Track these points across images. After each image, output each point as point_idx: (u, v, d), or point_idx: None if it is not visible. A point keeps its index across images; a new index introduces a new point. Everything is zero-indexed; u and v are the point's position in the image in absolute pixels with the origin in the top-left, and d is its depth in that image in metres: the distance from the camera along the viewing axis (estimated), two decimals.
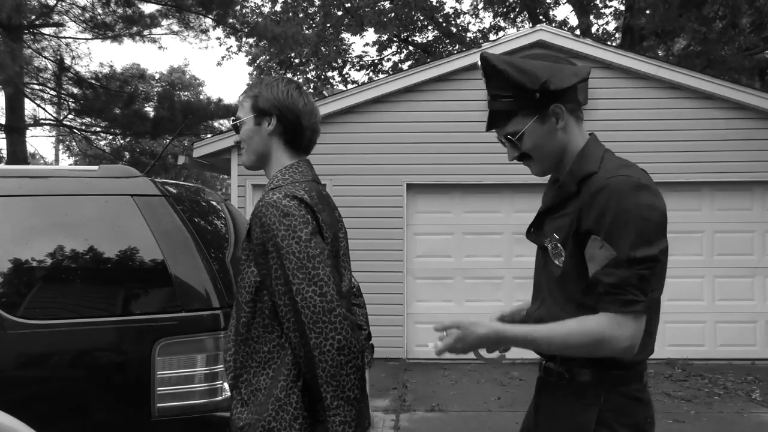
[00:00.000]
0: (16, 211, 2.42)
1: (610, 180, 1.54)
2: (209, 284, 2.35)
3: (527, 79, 1.60)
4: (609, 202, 1.50)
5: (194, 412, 2.28)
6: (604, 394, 1.58)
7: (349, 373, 1.56)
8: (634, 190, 1.52)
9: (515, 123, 1.63)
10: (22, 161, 13.47)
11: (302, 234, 1.60)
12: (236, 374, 1.69)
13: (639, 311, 1.48)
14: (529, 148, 1.65)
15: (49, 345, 2.30)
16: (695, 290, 7.56)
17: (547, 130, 1.63)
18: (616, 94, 7.54)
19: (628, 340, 1.49)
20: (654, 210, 1.52)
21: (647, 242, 1.48)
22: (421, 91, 7.59)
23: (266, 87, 1.81)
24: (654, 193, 1.55)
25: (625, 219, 1.49)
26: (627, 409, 1.59)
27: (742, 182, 7.49)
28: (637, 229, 1.48)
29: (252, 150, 1.82)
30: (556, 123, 1.62)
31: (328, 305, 1.56)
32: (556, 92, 1.59)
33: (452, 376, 6.77)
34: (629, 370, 1.60)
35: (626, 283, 1.47)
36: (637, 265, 1.47)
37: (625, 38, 14.73)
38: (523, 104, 1.61)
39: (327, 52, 17.58)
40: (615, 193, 1.51)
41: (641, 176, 1.58)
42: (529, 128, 1.62)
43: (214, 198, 3.16)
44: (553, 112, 1.61)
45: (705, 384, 6.44)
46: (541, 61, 1.67)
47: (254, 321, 1.66)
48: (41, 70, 15.02)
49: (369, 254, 7.35)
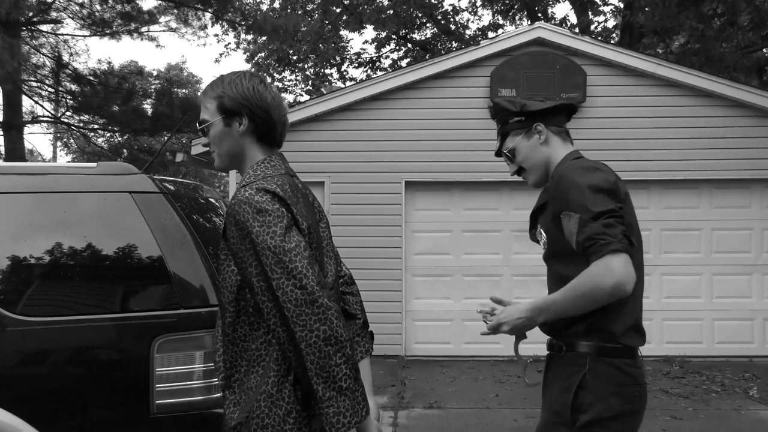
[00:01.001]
0: (15, 208, 2.42)
1: (564, 168, 1.95)
2: (207, 281, 2.35)
3: (512, 105, 2.08)
4: (566, 183, 1.87)
5: (193, 409, 2.29)
6: (590, 362, 1.82)
7: (338, 363, 1.53)
8: (583, 170, 1.89)
9: (509, 141, 2.10)
10: (20, 158, 13.45)
11: (277, 228, 1.57)
12: (227, 374, 1.67)
13: (615, 249, 1.70)
14: (521, 161, 2.09)
15: (48, 342, 2.30)
16: (693, 287, 7.57)
17: (533, 145, 2.07)
18: (615, 91, 7.54)
19: (614, 276, 1.69)
20: (604, 181, 1.84)
21: (602, 202, 1.78)
22: (419, 89, 7.58)
23: (230, 85, 1.73)
24: (604, 171, 1.90)
25: (580, 189, 1.82)
26: (611, 377, 1.81)
27: (741, 180, 7.50)
28: (591, 193, 1.80)
29: (224, 152, 1.77)
30: (539, 138, 2.05)
31: (310, 297, 1.53)
32: (535, 114, 2.05)
33: (451, 374, 6.78)
34: (620, 346, 1.82)
35: (596, 232, 1.74)
36: (600, 217, 1.75)
37: (624, 36, 14.72)
38: (512, 125, 2.08)
39: (325, 49, 17.56)
40: (569, 175, 1.89)
41: (595, 164, 1.94)
42: (519, 145, 2.08)
43: (212, 195, 3.16)
44: (536, 130, 2.06)
45: (702, 381, 6.46)
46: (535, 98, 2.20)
47: (239, 320, 1.65)
48: (39, 67, 15.00)
49: (367, 251, 7.36)
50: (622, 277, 1.69)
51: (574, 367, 1.83)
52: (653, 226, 7.59)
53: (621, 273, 1.69)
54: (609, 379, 1.80)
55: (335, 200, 7.49)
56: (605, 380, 1.80)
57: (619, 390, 1.80)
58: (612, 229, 1.72)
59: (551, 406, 1.92)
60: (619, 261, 1.69)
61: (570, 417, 1.82)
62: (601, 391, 1.79)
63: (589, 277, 1.72)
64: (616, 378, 1.80)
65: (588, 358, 1.82)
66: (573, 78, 7.43)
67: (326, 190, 7.50)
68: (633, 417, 1.84)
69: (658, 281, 7.56)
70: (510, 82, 7.42)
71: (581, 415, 1.80)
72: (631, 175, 7.45)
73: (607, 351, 1.81)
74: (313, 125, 7.58)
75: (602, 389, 1.79)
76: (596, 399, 1.79)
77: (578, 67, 7.45)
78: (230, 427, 1.63)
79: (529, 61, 7.47)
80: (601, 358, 1.81)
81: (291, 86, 20.61)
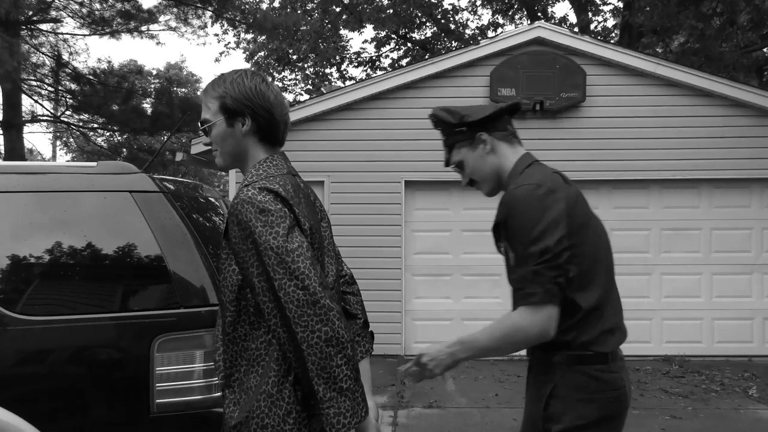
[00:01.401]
0: (15, 207, 2.42)
1: (513, 191, 1.81)
2: (207, 280, 2.35)
3: (451, 117, 1.96)
4: (506, 211, 1.80)
5: (193, 408, 2.29)
6: (560, 372, 1.80)
7: (339, 364, 1.53)
8: (526, 197, 1.77)
9: (455, 154, 2.00)
10: (20, 158, 13.44)
11: (279, 229, 1.56)
12: (227, 374, 1.67)
13: (536, 303, 1.71)
14: (470, 172, 1.99)
15: (49, 341, 2.30)
16: (693, 287, 7.58)
17: (479, 155, 1.96)
18: (614, 91, 7.55)
19: (536, 327, 1.72)
20: (546, 209, 1.75)
21: (536, 240, 1.72)
22: (419, 88, 7.59)
23: (232, 85, 1.72)
24: (549, 193, 1.78)
25: (515, 224, 1.77)
26: (582, 385, 1.79)
27: (740, 179, 7.51)
28: (525, 231, 1.74)
29: (226, 152, 1.76)
30: (484, 147, 1.95)
31: (312, 298, 1.53)
32: (476, 123, 1.94)
33: (450, 373, 6.77)
34: (591, 353, 1.79)
35: (523, 279, 1.73)
36: (530, 263, 1.72)
37: (624, 35, 14.73)
38: (456, 137, 1.98)
39: (325, 48, 17.55)
40: (510, 203, 1.79)
41: (550, 182, 1.81)
42: (465, 158, 1.98)
43: (212, 194, 3.16)
44: (480, 139, 1.95)
45: (702, 380, 6.46)
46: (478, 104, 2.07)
47: (240, 320, 1.64)
48: (39, 66, 14.99)
49: (367, 251, 7.36)
50: (546, 328, 1.72)
51: (546, 376, 1.83)
52: (653, 226, 7.60)
53: (544, 325, 1.72)
54: (579, 387, 1.78)
55: (335, 200, 7.49)
56: (575, 389, 1.78)
57: (591, 397, 1.78)
58: (540, 278, 1.70)
59: (528, 415, 1.92)
60: (542, 315, 1.71)
61: (542, 427, 1.82)
62: (572, 400, 1.78)
63: (509, 324, 1.75)
64: (587, 386, 1.78)
65: (557, 368, 1.80)
66: (573, 77, 7.43)
67: (326, 190, 7.51)
68: (610, 422, 1.82)
69: (658, 281, 7.57)
70: (510, 82, 7.42)
71: (553, 425, 1.79)
72: (630, 174, 7.48)
73: (577, 359, 1.79)
74: (312, 125, 7.58)
75: (573, 398, 1.78)
76: (567, 408, 1.77)
77: (578, 67, 7.45)
78: (230, 427, 1.63)
79: (528, 61, 7.47)
80: (571, 367, 1.79)
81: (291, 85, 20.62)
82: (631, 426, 5.03)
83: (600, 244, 1.87)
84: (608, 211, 7.63)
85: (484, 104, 2.07)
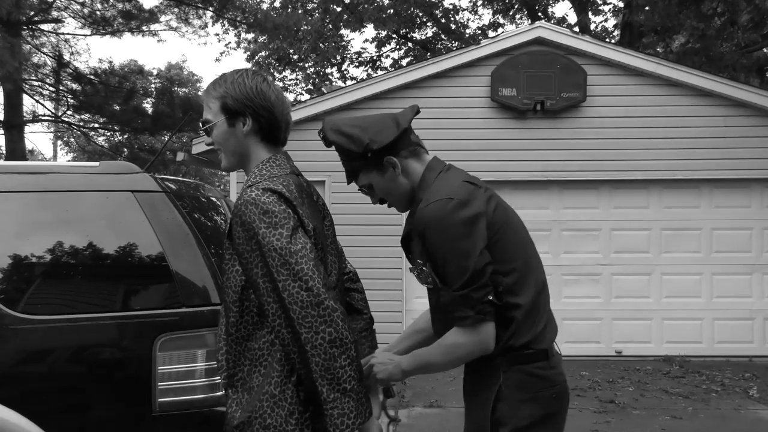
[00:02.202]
0: (17, 206, 2.43)
1: (423, 210, 1.72)
2: (209, 280, 2.36)
3: (354, 145, 1.78)
4: (423, 235, 1.72)
5: (195, 408, 2.29)
6: (503, 373, 1.76)
7: (343, 365, 1.53)
8: (438, 215, 1.69)
9: (362, 178, 1.85)
10: (21, 158, 13.45)
11: (283, 230, 1.57)
12: (230, 373, 1.68)
13: (469, 325, 1.69)
14: (383, 195, 1.88)
15: (51, 340, 2.31)
16: (693, 287, 7.58)
17: (389, 178, 1.83)
18: (615, 91, 7.55)
19: (475, 345, 1.71)
20: (460, 225, 1.67)
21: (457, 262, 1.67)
22: (419, 88, 7.59)
23: (233, 85, 1.71)
24: (460, 206, 1.69)
25: (432, 246, 1.70)
26: (524, 384, 1.76)
27: (741, 179, 7.51)
28: (443, 253, 1.69)
29: (230, 152, 1.76)
30: (394, 171, 1.82)
31: (316, 299, 1.53)
32: (382, 150, 1.78)
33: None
34: (531, 351, 1.77)
35: (453, 302, 1.70)
36: (454, 287, 1.68)
37: (624, 35, 14.72)
38: (361, 163, 1.81)
39: (326, 48, 17.55)
40: (423, 223, 1.71)
41: (453, 193, 1.71)
42: (374, 181, 1.84)
43: (213, 194, 3.17)
44: (388, 164, 1.81)
45: (702, 381, 6.46)
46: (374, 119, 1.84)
47: (243, 320, 1.65)
48: (40, 66, 15.00)
49: (368, 250, 7.37)
50: (484, 345, 1.72)
51: (491, 379, 1.79)
52: (653, 226, 7.60)
53: (482, 342, 1.71)
54: (522, 386, 1.76)
55: (336, 199, 7.49)
56: (518, 389, 1.76)
57: (534, 396, 1.76)
58: (468, 301, 1.68)
59: (473, 420, 1.87)
60: (478, 333, 1.70)
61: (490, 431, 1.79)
62: (515, 400, 1.75)
63: (449, 344, 1.75)
64: (529, 384, 1.76)
65: (500, 370, 1.77)
66: (573, 77, 7.43)
67: (327, 189, 7.51)
68: (552, 420, 1.80)
69: (658, 281, 7.57)
70: (510, 82, 7.43)
71: (500, 428, 1.76)
72: (630, 174, 7.48)
73: (519, 359, 1.76)
74: (313, 124, 7.58)
75: (516, 398, 1.75)
76: (512, 409, 1.75)
77: (578, 67, 7.46)
78: (232, 426, 1.64)
79: (529, 61, 7.47)
80: (513, 367, 1.76)
81: (292, 85, 20.62)
82: (631, 426, 5.04)
83: (523, 241, 1.84)
84: (608, 211, 7.63)
85: (382, 120, 1.83)
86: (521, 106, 7.43)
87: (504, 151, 7.50)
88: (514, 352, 1.76)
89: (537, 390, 1.76)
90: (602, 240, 7.64)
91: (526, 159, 7.50)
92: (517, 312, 1.74)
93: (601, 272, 7.62)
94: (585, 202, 7.66)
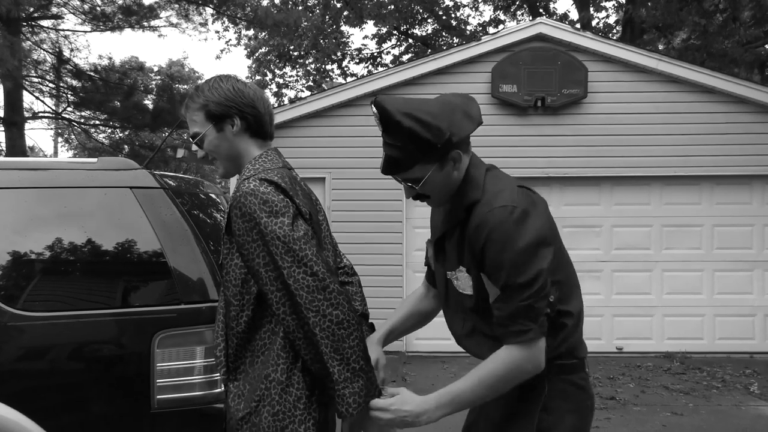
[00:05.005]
0: (15, 202, 2.42)
1: (487, 215, 1.59)
2: (208, 276, 2.35)
3: (432, 135, 1.59)
4: (486, 241, 1.58)
5: (193, 404, 2.29)
6: (548, 383, 1.67)
7: (352, 345, 1.58)
8: (506, 224, 1.56)
9: (416, 171, 1.64)
10: (21, 154, 13.45)
11: (284, 218, 1.60)
12: (232, 367, 1.70)
13: (530, 339, 1.57)
14: (429, 191, 1.69)
15: (49, 337, 2.30)
16: (694, 284, 7.57)
17: (445, 174, 1.66)
18: (616, 87, 7.53)
19: (532, 363, 1.59)
20: (527, 235, 1.56)
21: (523, 272, 1.55)
22: (420, 84, 7.57)
23: (211, 92, 1.76)
24: (525, 216, 1.58)
25: (499, 258, 1.56)
26: (569, 395, 1.69)
27: (742, 176, 7.49)
28: (512, 264, 1.55)
29: (224, 158, 1.81)
30: (453, 166, 1.66)
31: (321, 283, 1.57)
32: (458, 141, 1.63)
33: (451, 369, 6.78)
34: (576, 360, 1.69)
35: (514, 314, 1.57)
36: (520, 298, 1.56)
37: (626, 31, 14.69)
38: (426, 155, 1.62)
39: (326, 44, 17.53)
40: (490, 231, 1.57)
41: (517, 200, 1.61)
42: (431, 175, 1.64)
43: (213, 190, 3.16)
44: (452, 158, 1.65)
45: (703, 377, 6.46)
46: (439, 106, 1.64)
47: (243, 313, 1.68)
48: (40, 63, 14.98)
49: (368, 247, 7.36)
50: (538, 362, 1.59)
51: (533, 389, 1.68)
52: (654, 223, 7.59)
53: (537, 360, 1.59)
54: (567, 397, 1.69)
55: (336, 196, 7.48)
56: (564, 400, 1.68)
57: (577, 407, 1.70)
58: (531, 312, 1.56)
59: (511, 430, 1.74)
60: (533, 350, 1.58)
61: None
62: (562, 411, 1.67)
63: (505, 367, 1.59)
64: (574, 395, 1.70)
65: (546, 379, 1.67)
66: (574, 74, 7.41)
67: (327, 186, 7.50)
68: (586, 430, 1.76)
69: (659, 277, 7.56)
70: (511, 78, 7.41)
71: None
72: (632, 171, 7.47)
73: (565, 368, 1.69)
74: (313, 121, 7.57)
75: (562, 410, 1.67)
76: (557, 420, 1.67)
77: (580, 63, 7.44)
78: (238, 419, 1.66)
79: (530, 57, 7.45)
80: (559, 377, 1.68)
81: (292, 82, 20.62)
82: (632, 423, 5.04)
83: (564, 248, 1.76)
84: (610, 207, 7.62)
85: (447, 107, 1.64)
86: (522, 103, 7.42)
87: (505, 147, 7.48)
88: (560, 361, 1.68)
89: (579, 401, 1.71)
90: (603, 237, 7.63)
91: (527, 156, 7.49)
92: (569, 320, 1.68)
93: (602, 269, 7.61)
94: (586, 198, 7.65)
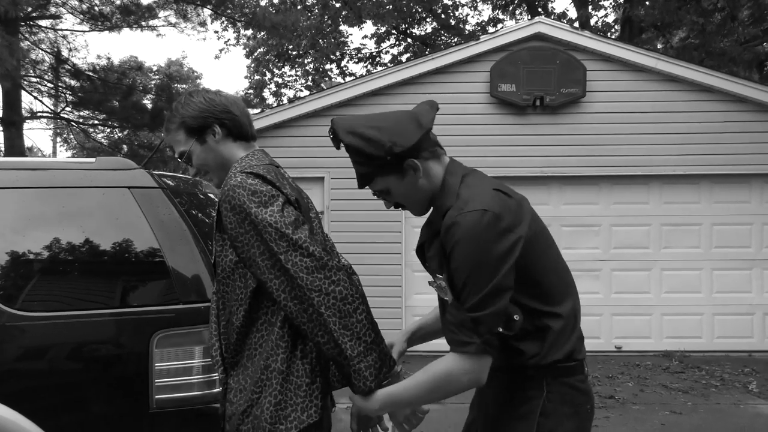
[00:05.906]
0: (14, 202, 2.42)
1: (457, 218, 1.55)
2: (207, 276, 2.35)
3: (373, 149, 1.62)
4: (454, 244, 1.54)
5: (192, 404, 2.29)
6: (547, 385, 1.64)
7: (360, 319, 1.60)
8: (476, 228, 1.52)
9: (378, 182, 1.69)
10: (20, 154, 13.44)
11: (274, 207, 1.62)
12: (231, 362, 1.72)
13: (471, 352, 1.53)
14: (400, 200, 1.72)
15: (48, 337, 2.30)
16: (693, 282, 7.57)
17: (409, 183, 1.67)
18: (615, 86, 7.53)
19: (466, 375, 1.56)
20: (494, 244, 1.52)
21: (480, 287, 1.51)
22: (419, 84, 7.57)
23: (185, 108, 1.82)
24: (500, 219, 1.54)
25: (461, 265, 1.53)
26: (568, 398, 1.65)
27: (741, 175, 7.50)
28: (470, 273, 1.52)
29: (214, 168, 1.84)
30: (415, 174, 1.66)
31: (319, 262, 1.58)
32: (405, 152, 1.62)
33: None
34: (574, 362, 1.66)
35: (461, 324, 1.54)
36: (471, 309, 1.52)
37: (624, 30, 14.69)
38: (379, 168, 1.65)
39: (325, 44, 17.53)
40: (460, 234, 1.54)
41: (489, 204, 1.56)
42: (393, 185, 1.68)
43: (211, 190, 3.16)
44: (409, 167, 1.65)
45: (702, 375, 6.46)
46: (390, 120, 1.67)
47: (241, 308, 1.69)
48: (38, 63, 14.96)
49: (367, 247, 7.36)
50: (477, 377, 1.56)
51: (528, 392, 1.65)
52: (653, 221, 7.60)
53: (476, 373, 1.56)
54: (566, 400, 1.65)
55: (335, 196, 7.48)
56: (563, 403, 1.64)
57: (576, 410, 1.66)
58: (479, 326, 1.52)
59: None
60: (476, 364, 1.55)
61: None
62: (560, 415, 1.64)
63: (440, 372, 1.59)
64: (573, 398, 1.66)
65: (545, 382, 1.64)
66: (573, 73, 7.41)
67: (326, 186, 7.50)
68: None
69: (658, 276, 7.57)
70: (510, 78, 7.41)
71: None
72: (630, 170, 7.47)
73: (562, 371, 1.65)
74: (312, 120, 7.57)
75: (561, 413, 1.64)
76: (557, 424, 1.64)
77: (578, 62, 7.44)
78: (240, 413, 1.67)
79: (528, 56, 7.45)
80: (558, 380, 1.64)
81: (291, 81, 20.61)
82: (631, 421, 5.04)
83: (555, 248, 1.73)
84: (608, 206, 7.63)
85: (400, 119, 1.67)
86: (521, 102, 7.42)
87: (503, 147, 7.48)
88: (558, 364, 1.64)
89: (578, 404, 1.67)
90: (602, 235, 7.63)
91: (526, 155, 7.49)
92: (555, 322, 1.64)
93: (601, 268, 7.62)
94: (585, 197, 7.65)
